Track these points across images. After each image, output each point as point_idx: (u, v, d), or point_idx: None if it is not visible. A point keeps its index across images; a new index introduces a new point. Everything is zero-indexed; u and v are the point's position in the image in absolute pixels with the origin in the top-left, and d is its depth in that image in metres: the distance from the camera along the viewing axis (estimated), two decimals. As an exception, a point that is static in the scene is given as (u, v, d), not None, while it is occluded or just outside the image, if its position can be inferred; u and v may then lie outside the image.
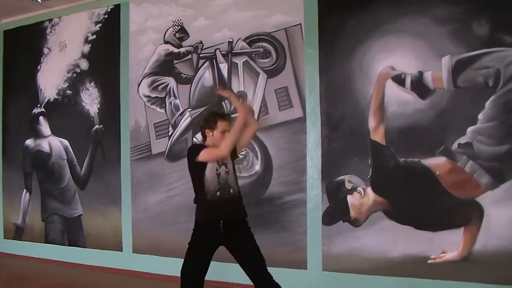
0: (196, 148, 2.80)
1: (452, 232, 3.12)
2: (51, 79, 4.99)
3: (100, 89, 4.68)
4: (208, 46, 4.07)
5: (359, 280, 3.38)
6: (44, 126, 5.06)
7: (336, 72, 3.52)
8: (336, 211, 3.49)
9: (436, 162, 3.18)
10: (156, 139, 4.31)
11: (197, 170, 2.73)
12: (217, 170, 2.72)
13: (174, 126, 4.22)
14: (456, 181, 3.13)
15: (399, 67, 3.32)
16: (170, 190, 4.18)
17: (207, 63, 4.09)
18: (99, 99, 4.68)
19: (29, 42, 5.19)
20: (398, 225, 3.29)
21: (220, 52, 4.01)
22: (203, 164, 2.70)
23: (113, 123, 4.54)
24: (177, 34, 4.23)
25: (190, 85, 4.16)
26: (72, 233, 4.79)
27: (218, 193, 2.71)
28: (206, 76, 4.09)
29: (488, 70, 3.03)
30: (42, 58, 5.08)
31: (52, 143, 5.00)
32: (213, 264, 2.75)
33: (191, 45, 4.16)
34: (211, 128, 2.78)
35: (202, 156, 2.67)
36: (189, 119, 4.14)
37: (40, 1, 4.75)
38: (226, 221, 2.70)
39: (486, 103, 3.03)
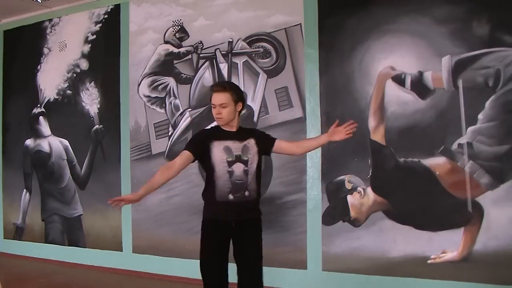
0: None
1: (452, 232, 3.12)
2: (51, 79, 4.99)
3: (100, 89, 4.68)
4: (208, 46, 4.07)
5: (359, 280, 3.38)
6: (44, 126, 5.06)
7: (336, 72, 3.52)
8: (336, 211, 3.49)
9: (436, 162, 3.18)
10: (156, 139, 4.31)
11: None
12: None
13: (174, 126, 4.22)
14: (456, 181, 3.13)
15: (399, 67, 3.32)
16: (170, 190, 4.17)
17: (207, 63, 4.09)
18: (99, 99, 4.68)
19: (29, 42, 5.18)
20: (398, 225, 3.29)
21: (220, 52, 4.01)
22: None
23: (113, 123, 4.54)
24: (177, 34, 4.24)
25: (190, 85, 4.16)
26: (72, 233, 4.79)
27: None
28: (206, 76, 4.09)
29: (488, 70, 3.03)
30: (42, 58, 5.07)
31: (52, 143, 4.99)
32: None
33: (191, 45, 4.16)
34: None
35: None
36: (189, 119, 4.14)
37: (40, 1, 4.75)
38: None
39: (486, 103, 3.03)
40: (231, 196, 2.46)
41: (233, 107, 2.49)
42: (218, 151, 2.47)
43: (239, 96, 2.53)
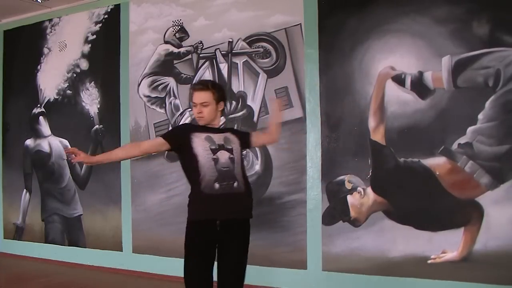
0: None
1: (452, 232, 3.12)
2: (51, 79, 4.99)
3: (100, 89, 4.68)
4: (208, 46, 4.07)
5: (359, 280, 3.38)
6: (44, 126, 5.06)
7: (336, 72, 3.52)
8: (336, 211, 3.49)
9: (436, 162, 3.18)
10: (156, 139, 4.30)
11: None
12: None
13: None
14: (456, 181, 3.13)
15: (399, 67, 3.32)
16: (170, 190, 4.17)
17: (207, 63, 4.09)
18: (99, 99, 4.68)
19: (29, 42, 5.19)
20: (398, 225, 3.29)
21: (220, 52, 4.02)
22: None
23: (113, 123, 4.54)
24: (177, 34, 4.24)
25: (190, 85, 4.15)
26: (72, 233, 4.79)
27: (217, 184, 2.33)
28: (206, 76, 4.09)
29: (488, 70, 3.03)
30: (42, 58, 5.08)
31: (52, 143, 5.00)
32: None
33: (191, 45, 4.16)
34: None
35: None
36: (189, 119, 4.14)
37: (40, 1, 4.75)
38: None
39: (486, 103, 3.03)
40: (217, 185, 2.29)
41: (214, 106, 2.45)
42: (200, 140, 2.37)
43: (220, 95, 2.49)
